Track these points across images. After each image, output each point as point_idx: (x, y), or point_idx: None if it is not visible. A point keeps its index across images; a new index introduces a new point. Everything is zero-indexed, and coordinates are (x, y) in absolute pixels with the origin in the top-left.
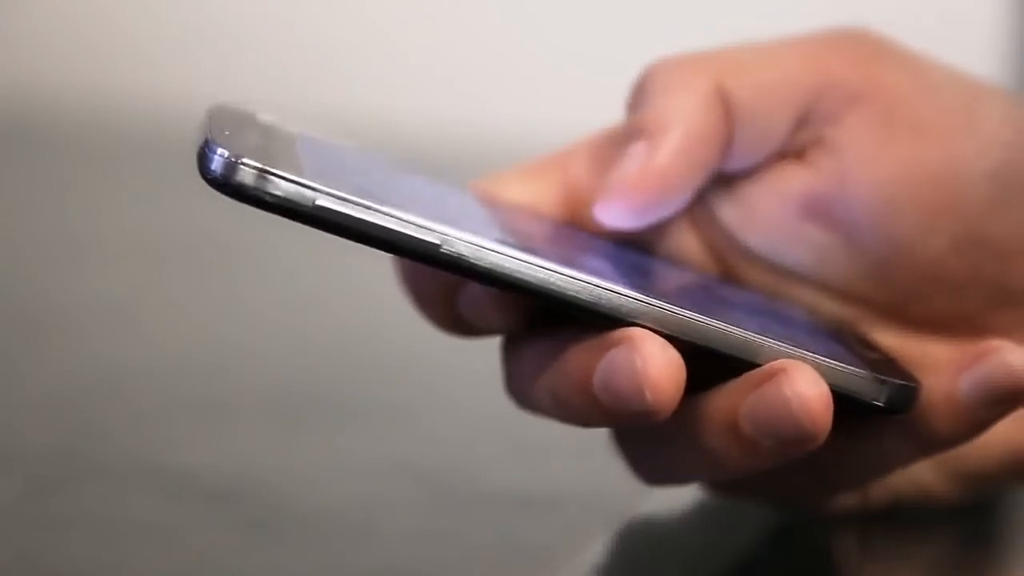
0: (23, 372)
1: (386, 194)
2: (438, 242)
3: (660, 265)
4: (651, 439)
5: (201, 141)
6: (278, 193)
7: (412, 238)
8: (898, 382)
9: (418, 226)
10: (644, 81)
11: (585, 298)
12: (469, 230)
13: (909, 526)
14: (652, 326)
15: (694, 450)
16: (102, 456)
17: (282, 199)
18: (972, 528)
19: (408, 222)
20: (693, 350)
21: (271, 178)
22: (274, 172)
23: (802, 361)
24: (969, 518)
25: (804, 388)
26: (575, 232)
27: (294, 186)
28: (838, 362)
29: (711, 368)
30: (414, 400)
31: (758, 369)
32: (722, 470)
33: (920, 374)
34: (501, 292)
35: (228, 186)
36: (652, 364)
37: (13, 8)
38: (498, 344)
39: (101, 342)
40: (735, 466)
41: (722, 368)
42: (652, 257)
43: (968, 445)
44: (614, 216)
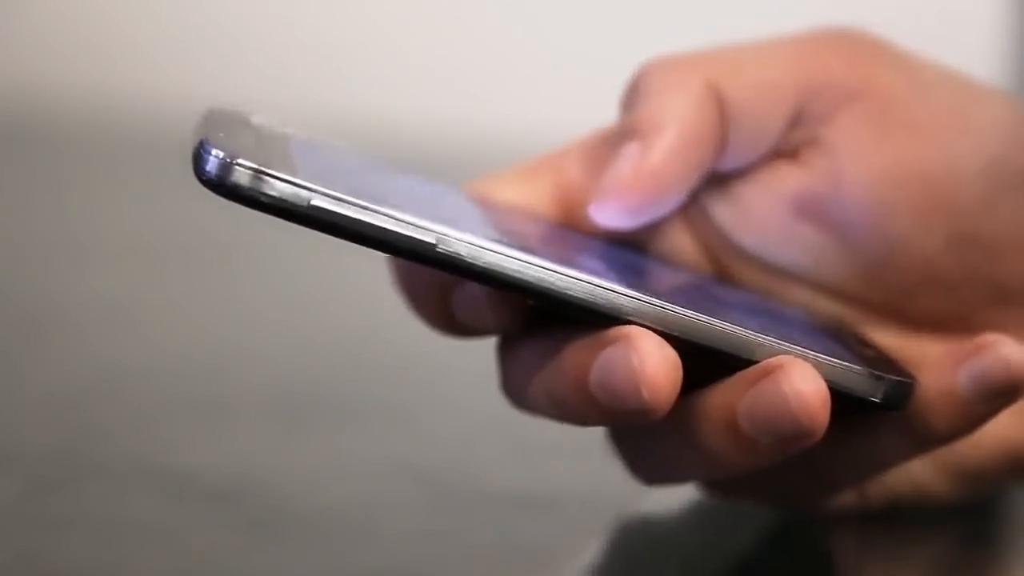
0: (23, 372)
1: (381, 194)
2: (433, 241)
3: (655, 265)
4: (648, 438)
5: (196, 143)
6: (273, 193)
7: (408, 237)
8: (894, 378)
9: (414, 225)
10: (637, 81)
11: (581, 296)
12: (464, 230)
13: (908, 526)
14: (648, 324)
15: (691, 448)
16: (102, 456)
17: (277, 199)
18: (971, 528)
19: (404, 221)
20: (689, 348)
21: (266, 178)
22: (269, 172)
23: (799, 357)
24: (968, 518)
25: (801, 384)
26: (570, 232)
27: (289, 186)
28: (834, 358)
29: (707, 366)
30: (414, 400)
31: (755, 366)
32: (719, 468)
33: (916, 372)
34: (496, 291)
35: (223, 187)
36: (649, 362)
37: (13, 8)
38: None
39: (101, 342)
40: (732, 464)
41: (718, 366)
42: (647, 257)
43: (964, 443)
44: (609, 216)
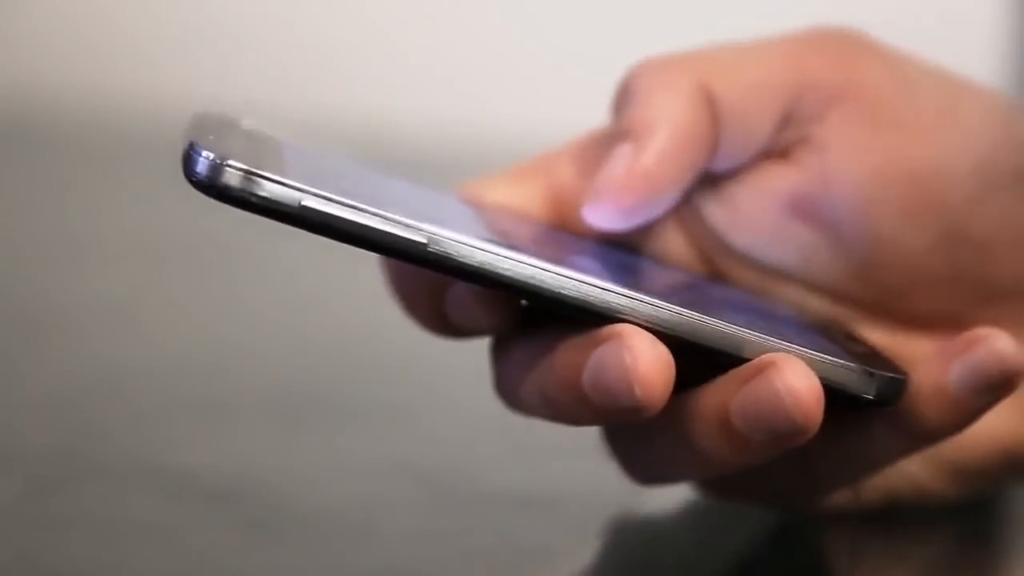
0: (23, 372)
1: (372, 196)
2: (425, 241)
3: (648, 264)
4: (641, 438)
5: (186, 145)
6: (263, 194)
7: (399, 237)
8: (887, 374)
9: (404, 225)
10: (629, 82)
11: (573, 294)
12: (456, 230)
13: (905, 525)
14: (640, 322)
15: (685, 447)
16: (102, 456)
17: (268, 200)
18: (968, 527)
19: (394, 221)
20: (682, 346)
21: (256, 179)
22: (260, 173)
23: (791, 354)
24: (965, 517)
25: (795, 381)
26: (562, 233)
27: (280, 187)
28: (827, 355)
29: (700, 365)
30: (414, 400)
31: (748, 364)
32: (713, 467)
33: (908, 369)
34: (488, 291)
35: (214, 188)
36: (641, 360)
37: (13, 8)
38: None
39: (101, 342)
40: (726, 462)
41: (711, 364)
42: (639, 257)
43: (959, 440)
44: (602, 217)
